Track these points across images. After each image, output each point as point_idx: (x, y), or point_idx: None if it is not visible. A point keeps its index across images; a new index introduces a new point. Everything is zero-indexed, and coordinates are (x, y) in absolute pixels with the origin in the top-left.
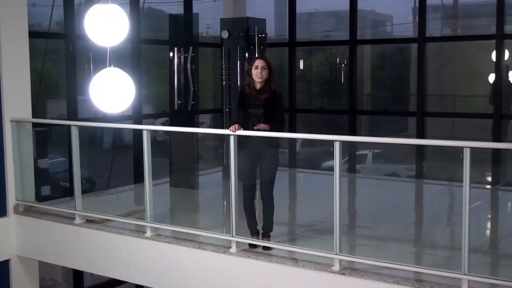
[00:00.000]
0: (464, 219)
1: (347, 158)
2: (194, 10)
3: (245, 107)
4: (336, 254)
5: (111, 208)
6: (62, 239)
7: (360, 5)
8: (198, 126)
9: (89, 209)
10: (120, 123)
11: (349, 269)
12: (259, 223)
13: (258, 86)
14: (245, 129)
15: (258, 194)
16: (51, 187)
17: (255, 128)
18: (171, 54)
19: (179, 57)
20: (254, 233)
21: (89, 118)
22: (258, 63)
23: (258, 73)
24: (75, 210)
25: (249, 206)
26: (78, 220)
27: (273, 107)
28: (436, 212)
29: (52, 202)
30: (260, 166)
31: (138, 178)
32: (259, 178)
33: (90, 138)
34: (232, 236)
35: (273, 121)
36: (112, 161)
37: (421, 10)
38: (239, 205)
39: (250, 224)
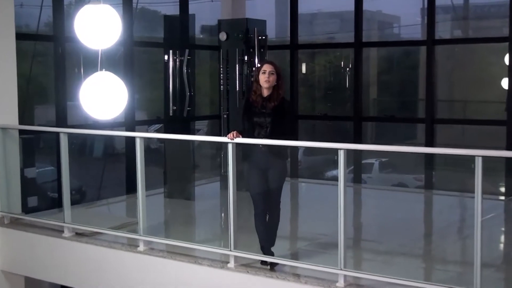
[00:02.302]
0: (476, 232)
1: (352, 167)
2: (191, 11)
3: (250, 116)
4: (341, 270)
5: (102, 220)
6: (50, 253)
7: (366, 6)
8: (194, 134)
9: (79, 222)
10: (112, 130)
11: (354, 286)
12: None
13: (265, 93)
14: (250, 137)
15: None
16: (39, 198)
17: None
18: (166, 57)
19: (174, 60)
20: (268, 251)
21: (79, 125)
22: (266, 67)
23: (265, 78)
24: (64, 222)
25: (263, 222)
26: (67, 233)
27: (281, 116)
28: (446, 224)
29: (39, 214)
30: (267, 177)
31: (131, 188)
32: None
33: (80, 146)
34: (230, 250)
35: (282, 131)
36: (103, 170)
37: (430, 11)
38: (238, 217)
39: (263, 241)
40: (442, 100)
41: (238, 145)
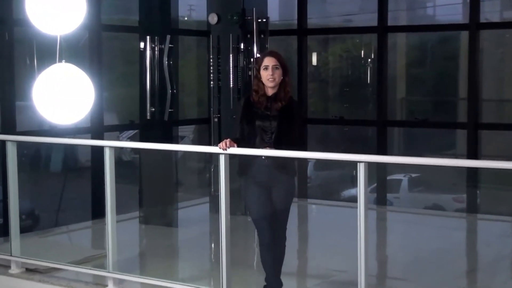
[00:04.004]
0: None
1: (374, 185)
2: None
3: (252, 119)
4: None
5: (60, 252)
6: None
7: None
8: (177, 142)
9: (30, 254)
10: (74, 137)
11: None
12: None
13: (270, 92)
14: (250, 147)
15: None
16: None
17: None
18: (142, 44)
19: (152, 49)
20: None
21: (32, 131)
22: (268, 61)
23: (269, 75)
24: (11, 255)
25: (272, 254)
26: (14, 269)
27: (289, 120)
28: (495, 257)
29: None
30: (271, 197)
31: (98, 212)
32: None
33: (33, 158)
34: None
35: (290, 139)
36: (62, 189)
37: None
38: (232, 249)
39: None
40: (488, 99)
41: (232, 156)
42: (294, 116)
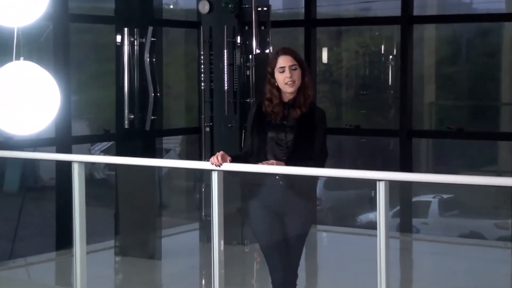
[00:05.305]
0: None
1: (398, 208)
2: None
3: (263, 129)
4: None
5: None
6: None
7: None
8: (162, 156)
9: None
10: (35, 151)
11: None
12: None
13: (287, 97)
14: (259, 162)
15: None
16: None
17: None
18: (118, 38)
19: (131, 44)
20: None
21: None
22: (284, 61)
23: (287, 78)
24: None
25: None
26: None
27: (310, 131)
28: None
29: None
30: (283, 226)
31: (63, 241)
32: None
33: None
34: None
35: (307, 155)
36: (19, 213)
37: None
38: (226, 285)
39: None
40: None
41: (233, 174)
42: (316, 126)
